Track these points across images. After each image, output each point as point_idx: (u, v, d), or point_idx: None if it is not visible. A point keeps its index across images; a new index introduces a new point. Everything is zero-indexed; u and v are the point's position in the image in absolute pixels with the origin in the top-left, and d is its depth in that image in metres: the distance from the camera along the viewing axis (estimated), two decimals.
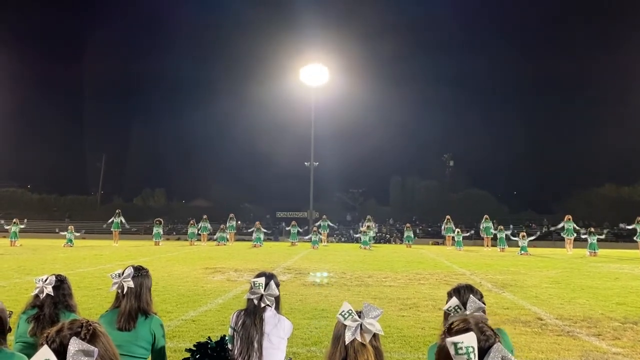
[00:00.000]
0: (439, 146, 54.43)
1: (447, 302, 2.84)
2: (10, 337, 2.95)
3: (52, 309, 3.38)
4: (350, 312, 2.19)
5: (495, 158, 50.60)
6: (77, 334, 1.53)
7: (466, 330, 1.50)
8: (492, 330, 1.56)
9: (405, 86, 50.07)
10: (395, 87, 49.36)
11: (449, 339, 1.42)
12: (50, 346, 1.49)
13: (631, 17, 47.68)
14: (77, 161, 58.78)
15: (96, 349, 1.49)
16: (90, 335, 1.56)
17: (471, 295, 2.77)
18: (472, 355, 1.38)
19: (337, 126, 46.48)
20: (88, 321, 1.63)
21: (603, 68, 48.57)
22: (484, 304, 2.77)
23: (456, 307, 2.73)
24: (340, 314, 2.19)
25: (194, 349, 3.09)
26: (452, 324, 1.60)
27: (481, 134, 51.48)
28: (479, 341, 1.44)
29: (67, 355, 1.45)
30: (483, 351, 1.43)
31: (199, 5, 63.18)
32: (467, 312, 2.70)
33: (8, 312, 2.61)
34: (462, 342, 1.40)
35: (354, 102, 47.33)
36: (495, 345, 1.44)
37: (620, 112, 46.97)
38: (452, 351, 1.39)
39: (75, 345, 1.46)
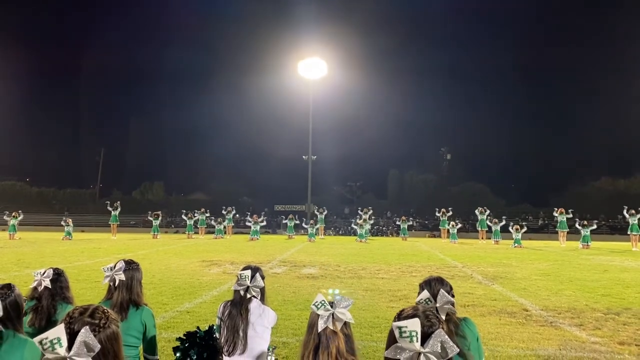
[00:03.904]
0: (436, 140, 54.68)
1: (418, 294, 3.00)
2: None
3: (50, 301, 3.53)
4: (323, 302, 2.37)
5: (492, 151, 50.85)
6: (92, 325, 1.64)
7: (413, 316, 1.68)
8: (438, 318, 1.73)
9: (403, 79, 50.18)
10: (393, 81, 49.47)
11: (395, 323, 1.60)
12: (68, 326, 1.62)
13: (628, 11, 47.65)
14: (76, 155, 59.05)
15: (99, 346, 1.59)
16: (104, 331, 1.66)
17: (441, 289, 2.92)
18: (414, 339, 1.55)
19: (335, 119, 46.67)
20: (108, 317, 1.72)
21: (600, 62, 48.75)
22: (453, 296, 2.94)
23: (427, 300, 2.89)
24: (314, 304, 2.38)
25: (184, 338, 3.28)
26: (402, 310, 1.78)
27: (478, 128, 51.76)
28: (422, 326, 1.61)
29: (75, 342, 1.56)
30: (426, 336, 1.61)
31: None
32: (437, 305, 2.88)
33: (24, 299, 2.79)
34: (406, 327, 1.57)
35: (351, 96, 47.52)
36: (437, 331, 1.62)
37: (616, 107, 47.14)
38: (396, 334, 1.57)
39: (83, 335, 1.57)
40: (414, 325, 1.58)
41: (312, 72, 39.47)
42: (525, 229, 21.37)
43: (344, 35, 48.40)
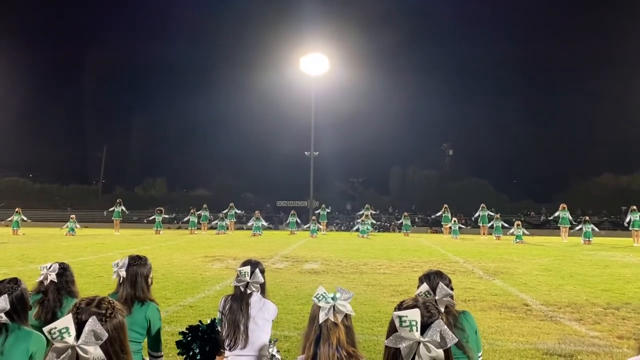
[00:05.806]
0: (438, 135, 54.47)
1: (418, 287, 3.05)
2: None
3: (56, 294, 3.60)
4: (324, 295, 2.43)
5: (494, 147, 50.58)
6: (99, 315, 1.70)
7: (413, 307, 1.72)
8: (438, 309, 1.78)
9: (405, 75, 49.89)
10: (395, 76, 49.19)
11: (396, 313, 1.64)
12: (75, 316, 1.68)
13: (631, 7, 47.38)
14: (78, 151, 58.94)
15: (106, 334, 1.65)
16: (110, 320, 1.73)
17: (440, 282, 2.97)
18: (414, 328, 1.60)
19: (337, 115, 46.48)
20: (114, 307, 1.78)
21: (603, 58, 48.46)
22: (452, 289, 2.99)
23: (426, 293, 2.94)
24: (315, 296, 2.44)
25: (187, 331, 3.34)
26: (403, 301, 1.82)
27: (481, 124, 51.48)
28: (422, 316, 1.65)
29: (83, 331, 1.62)
30: (426, 326, 1.65)
31: None
32: (436, 298, 2.93)
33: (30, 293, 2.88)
34: (407, 316, 1.61)
35: (354, 92, 47.28)
36: (436, 321, 1.67)
37: (619, 102, 46.95)
38: (397, 323, 1.62)
39: (91, 325, 1.63)
40: (414, 315, 1.63)
41: (314, 68, 39.44)
42: (522, 232, 21.47)
43: (346, 31, 48.25)
